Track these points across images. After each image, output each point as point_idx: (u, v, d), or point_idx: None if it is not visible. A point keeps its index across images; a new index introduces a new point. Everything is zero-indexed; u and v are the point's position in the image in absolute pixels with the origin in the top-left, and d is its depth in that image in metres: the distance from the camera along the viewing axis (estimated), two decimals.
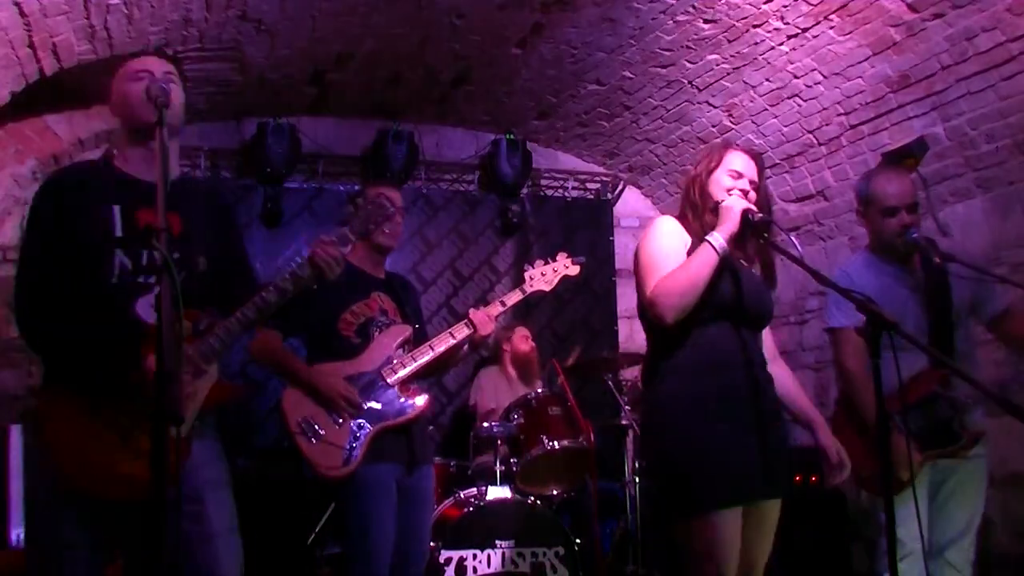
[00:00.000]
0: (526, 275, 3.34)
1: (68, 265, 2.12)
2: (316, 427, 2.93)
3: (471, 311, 3.19)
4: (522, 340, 4.95)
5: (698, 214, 2.45)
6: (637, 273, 2.44)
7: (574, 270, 3.36)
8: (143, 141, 2.18)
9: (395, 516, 2.98)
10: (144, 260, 2.15)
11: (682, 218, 2.49)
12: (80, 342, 2.10)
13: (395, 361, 3.06)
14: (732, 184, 2.43)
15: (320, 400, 2.96)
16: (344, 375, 2.99)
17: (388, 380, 3.03)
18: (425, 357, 3.10)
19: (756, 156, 2.51)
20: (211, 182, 5.04)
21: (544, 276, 3.31)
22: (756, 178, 2.47)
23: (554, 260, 3.36)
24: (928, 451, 2.80)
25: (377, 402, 3.01)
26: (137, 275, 2.14)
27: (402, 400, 3.05)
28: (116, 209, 2.16)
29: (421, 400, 3.08)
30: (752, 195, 2.44)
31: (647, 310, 2.36)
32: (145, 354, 2.01)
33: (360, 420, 2.97)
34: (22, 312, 2.14)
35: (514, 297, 3.29)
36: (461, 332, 3.14)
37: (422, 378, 3.24)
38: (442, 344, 3.13)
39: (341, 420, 2.95)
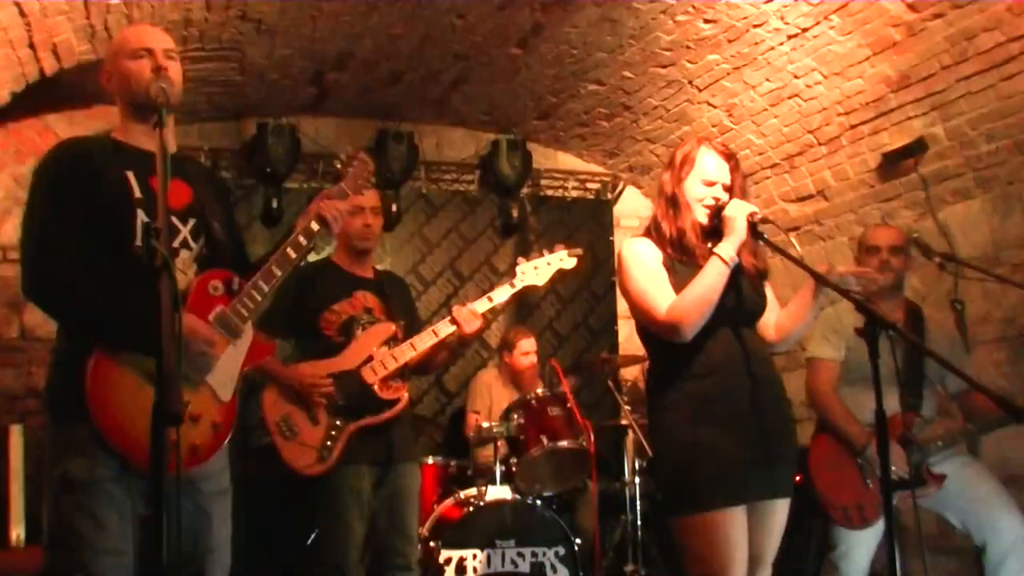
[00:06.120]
0: (517, 269, 3.19)
1: (88, 227, 2.10)
2: (293, 426, 2.93)
3: (454, 308, 3.12)
4: (523, 355, 4.80)
5: (673, 223, 2.41)
6: (634, 301, 2.40)
7: (570, 263, 3.20)
8: (144, 117, 2.20)
9: (365, 518, 2.97)
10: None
11: (653, 231, 2.45)
12: (116, 306, 2.06)
13: (376, 359, 3.03)
14: (705, 194, 2.39)
15: (296, 397, 2.96)
16: (325, 373, 2.98)
17: (367, 378, 3.01)
18: (407, 355, 3.06)
19: (729, 155, 2.44)
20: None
21: (537, 270, 3.16)
22: (729, 179, 2.41)
23: (550, 252, 3.21)
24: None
25: (356, 400, 2.99)
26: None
27: (381, 398, 3.03)
28: (130, 174, 2.17)
29: (400, 397, 3.07)
30: (726, 199, 2.39)
31: (662, 331, 2.34)
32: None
33: (337, 418, 2.96)
34: (44, 275, 2.08)
35: (503, 293, 3.17)
36: (445, 330, 3.09)
37: (413, 375, 3.21)
38: (424, 342, 3.08)
39: (319, 419, 2.95)
